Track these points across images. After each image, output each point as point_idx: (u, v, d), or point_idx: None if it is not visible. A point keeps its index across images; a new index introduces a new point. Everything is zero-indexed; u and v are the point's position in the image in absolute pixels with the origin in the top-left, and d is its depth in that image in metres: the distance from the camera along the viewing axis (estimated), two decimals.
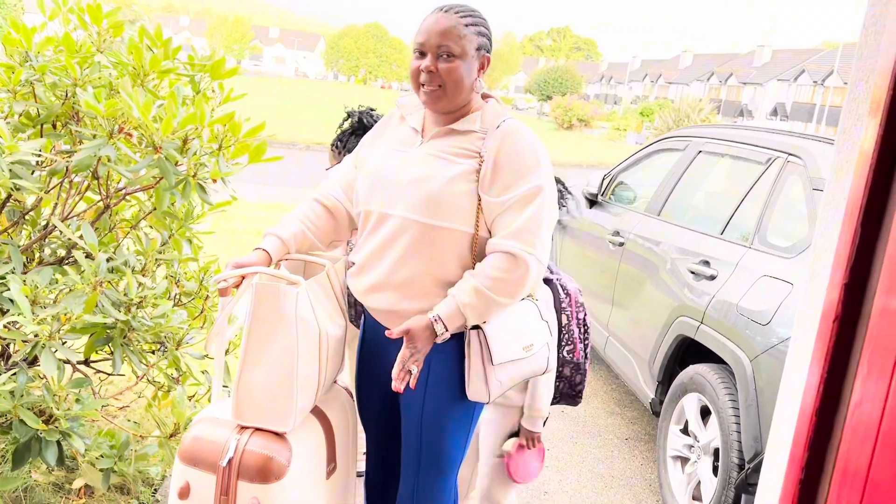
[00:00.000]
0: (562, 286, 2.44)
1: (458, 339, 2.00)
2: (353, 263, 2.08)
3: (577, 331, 2.44)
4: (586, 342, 2.48)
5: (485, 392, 2.00)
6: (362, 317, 2.21)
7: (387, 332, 1.88)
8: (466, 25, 1.91)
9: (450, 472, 2.12)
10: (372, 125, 3.02)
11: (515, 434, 2.59)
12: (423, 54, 1.92)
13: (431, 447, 2.07)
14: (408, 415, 2.09)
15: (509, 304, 1.93)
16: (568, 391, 2.52)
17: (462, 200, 1.89)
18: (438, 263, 1.93)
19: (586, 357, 2.48)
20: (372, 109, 3.13)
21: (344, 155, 3.05)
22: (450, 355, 2.01)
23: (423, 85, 1.92)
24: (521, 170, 1.90)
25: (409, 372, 1.87)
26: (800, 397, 1.16)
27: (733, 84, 63.42)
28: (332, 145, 3.09)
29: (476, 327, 1.96)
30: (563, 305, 2.43)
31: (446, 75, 1.89)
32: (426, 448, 2.07)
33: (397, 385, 1.86)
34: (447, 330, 1.88)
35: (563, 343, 2.43)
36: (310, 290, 2.00)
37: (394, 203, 1.94)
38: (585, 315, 2.47)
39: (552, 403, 2.55)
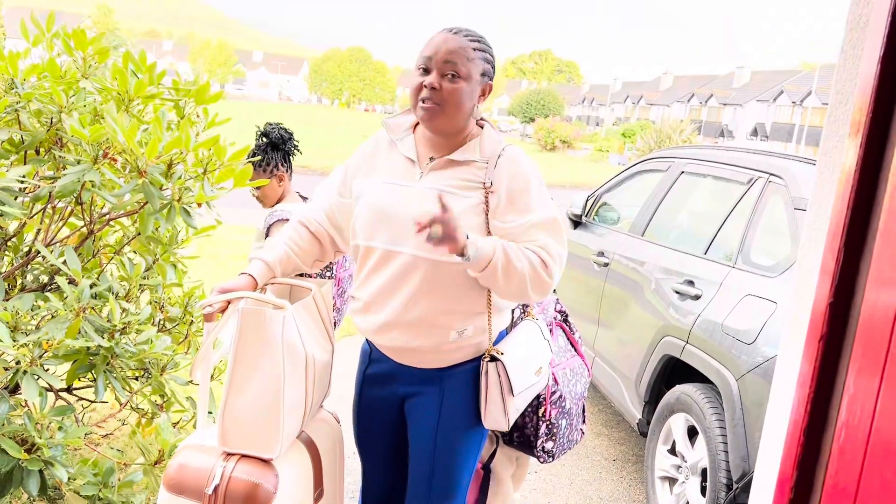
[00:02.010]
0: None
1: (471, 366, 2.00)
2: (353, 298, 2.06)
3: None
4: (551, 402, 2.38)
5: (503, 421, 2.00)
6: (368, 348, 2.17)
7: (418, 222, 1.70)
8: (474, 49, 1.89)
9: (459, 498, 2.11)
10: (287, 139, 3.15)
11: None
12: (427, 71, 1.89)
13: (443, 474, 2.05)
14: (418, 442, 2.06)
15: (514, 294, 1.87)
16: (520, 439, 2.42)
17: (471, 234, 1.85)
18: (454, 298, 1.91)
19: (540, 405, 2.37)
20: (280, 124, 3.23)
21: (271, 171, 3.12)
22: (462, 382, 2.00)
23: (423, 101, 1.88)
24: (535, 195, 1.93)
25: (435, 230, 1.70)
26: (787, 417, 1.17)
27: (713, 105, 64.18)
28: (258, 166, 3.08)
29: (494, 359, 1.96)
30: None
31: (448, 95, 1.86)
32: (438, 475, 2.05)
33: (418, 228, 1.70)
34: (473, 254, 1.76)
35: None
36: (296, 314, 1.99)
37: (401, 241, 1.90)
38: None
39: (511, 445, 2.47)
